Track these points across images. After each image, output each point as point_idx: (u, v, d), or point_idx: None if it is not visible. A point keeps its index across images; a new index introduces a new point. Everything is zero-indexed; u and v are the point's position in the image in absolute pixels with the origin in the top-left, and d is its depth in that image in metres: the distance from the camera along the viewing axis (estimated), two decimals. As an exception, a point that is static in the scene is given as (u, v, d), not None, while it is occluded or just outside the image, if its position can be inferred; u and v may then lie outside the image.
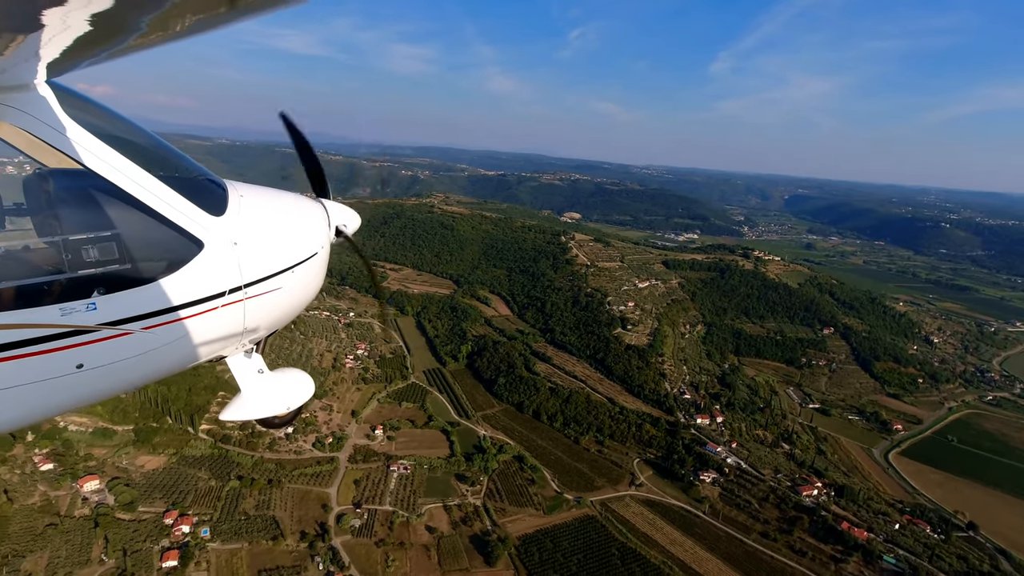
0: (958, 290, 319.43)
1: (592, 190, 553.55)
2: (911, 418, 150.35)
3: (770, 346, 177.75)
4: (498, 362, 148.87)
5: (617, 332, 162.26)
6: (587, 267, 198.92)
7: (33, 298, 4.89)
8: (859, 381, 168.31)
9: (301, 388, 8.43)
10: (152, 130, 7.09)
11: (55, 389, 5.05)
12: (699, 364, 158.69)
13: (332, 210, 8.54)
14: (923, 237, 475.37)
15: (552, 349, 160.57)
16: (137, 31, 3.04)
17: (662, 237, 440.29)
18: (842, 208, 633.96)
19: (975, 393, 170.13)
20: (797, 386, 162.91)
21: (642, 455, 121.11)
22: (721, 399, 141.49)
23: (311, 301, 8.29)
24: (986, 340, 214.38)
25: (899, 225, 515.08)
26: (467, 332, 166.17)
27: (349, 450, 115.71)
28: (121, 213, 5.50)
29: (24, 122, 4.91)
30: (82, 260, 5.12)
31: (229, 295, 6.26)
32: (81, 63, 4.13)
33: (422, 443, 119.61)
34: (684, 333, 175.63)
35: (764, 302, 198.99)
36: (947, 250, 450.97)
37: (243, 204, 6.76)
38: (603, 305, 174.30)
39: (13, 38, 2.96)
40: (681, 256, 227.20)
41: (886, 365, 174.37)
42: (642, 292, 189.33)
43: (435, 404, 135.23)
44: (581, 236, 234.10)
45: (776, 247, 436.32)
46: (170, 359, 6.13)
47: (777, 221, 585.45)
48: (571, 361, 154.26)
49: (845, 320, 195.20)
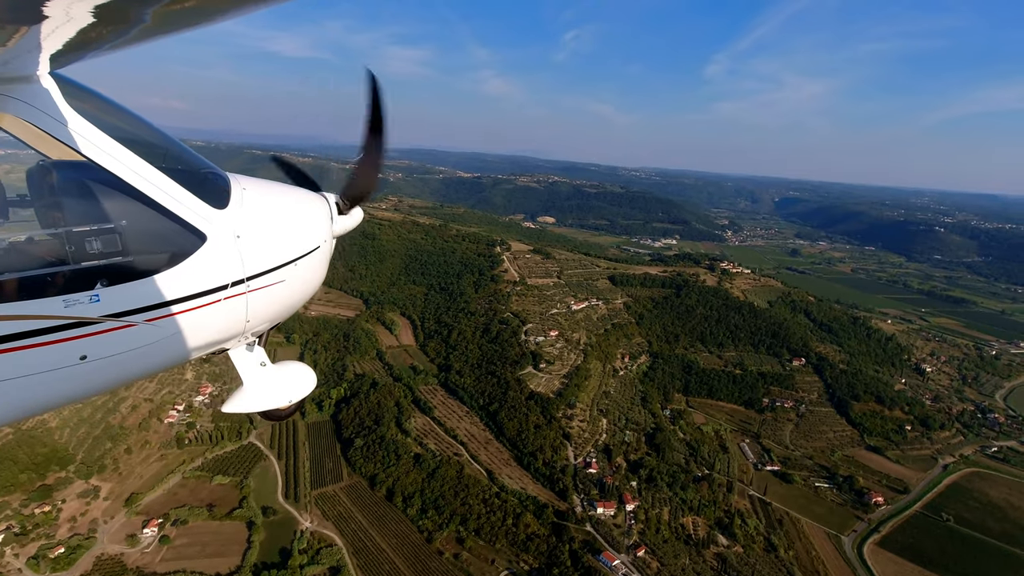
0: (953, 302, 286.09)
1: (569, 193, 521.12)
2: (896, 483, 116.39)
3: (726, 383, 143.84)
4: (364, 415, 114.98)
5: (524, 373, 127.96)
6: (514, 285, 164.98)
7: (37, 290, 4.81)
8: (833, 429, 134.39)
9: (303, 381, 8.07)
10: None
11: (58, 381, 4.92)
12: (627, 414, 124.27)
13: (335, 203, 8.13)
14: (916, 242, 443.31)
15: (441, 395, 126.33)
16: (140, 23, 3.07)
17: (638, 243, 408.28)
18: (833, 211, 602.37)
19: (975, 443, 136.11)
20: (755, 437, 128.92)
21: (513, 564, 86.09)
22: (641, 471, 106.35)
23: (314, 294, 7.85)
24: (987, 366, 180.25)
25: (891, 229, 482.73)
26: (348, 369, 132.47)
27: (85, 566, 79.83)
28: (124, 205, 5.37)
29: (28, 114, 4.81)
30: (85, 252, 5.02)
31: (232, 288, 6.08)
32: (85, 55, 4.11)
33: (209, 546, 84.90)
34: (619, 369, 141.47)
35: (725, 326, 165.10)
36: (941, 256, 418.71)
37: (246, 197, 6.57)
38: (516, 336, 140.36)
39: (17, 29, 2.97)
40: (632, 270, 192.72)
41: (867, 407, 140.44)
42: (574, 316, 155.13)
43: (262, 478, 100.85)
44: (520, 246, 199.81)
45: (758, 254, 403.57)
46: (173, 351, 5.92)
47: (765, 225, 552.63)
48: (459, 413, 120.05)
49: (820, 348, 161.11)
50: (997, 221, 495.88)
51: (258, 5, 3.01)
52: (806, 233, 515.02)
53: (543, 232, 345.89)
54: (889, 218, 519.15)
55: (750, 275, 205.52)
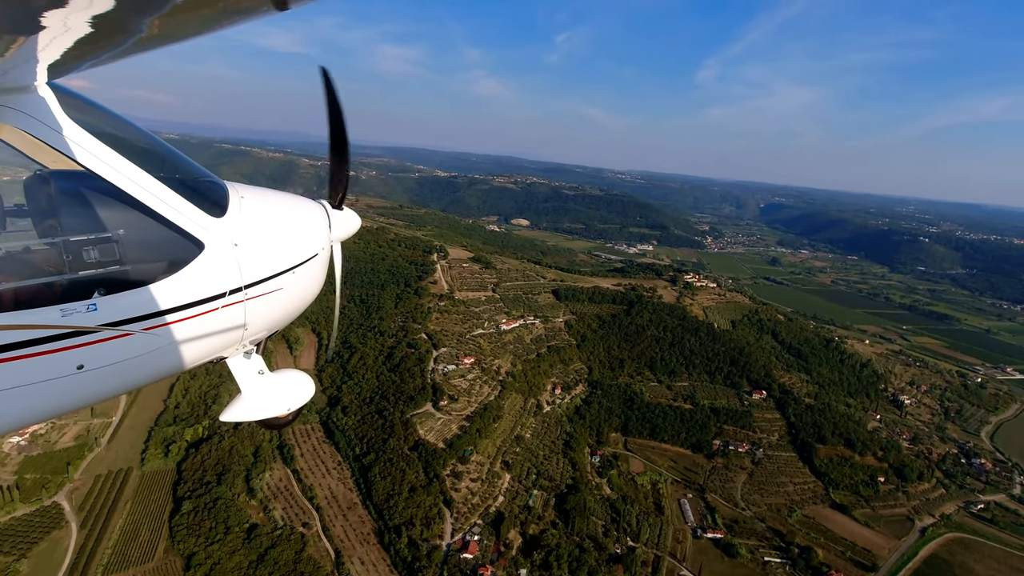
0: (937, 319, 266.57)
1: (547, 195, 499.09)
2: (863, 555, 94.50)
3: (672, 421, 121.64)
4: (211, 465, 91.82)
5: (420, 412, 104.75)
6: (439, 299, 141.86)
7: (34, 299, 4.75)
8: (793, 480, 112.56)
9: (302, 389, 7.94)
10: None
11: (56, 390, 4.86)
12: (540, 466, 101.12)
13: (332, 211, 8.04)
14: (900, 252, 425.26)
15: (316, 439, 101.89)
16: (138, 33, 3.03)
17: (611, 248, 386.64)
18: (817, 218, 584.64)
19: (958, 497, 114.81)
20: (699, 491, 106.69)
21: None
22: (536, 553, 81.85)
23: (311, 302, 7.71)
24: (971, 397, 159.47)
25: (875, 238, 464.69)
26: (220, 399, 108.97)
27: None
28: (122, 214, 5.31)
29: (25, 124, 4.77)
30: (83, 261, 4.97)
31: (230, 296, 6.01)
32: (82, 65, 4.06)
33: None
34: (546, 404, 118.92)
35: (679, 350, 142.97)
36: (925, 267, 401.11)
37: (243, 205, 6.50)
38: (423, 363, 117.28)
39: (14, 40, 2.94)
40: (581, 283, 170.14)
41: (834, 451, 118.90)
42: (502, 338, 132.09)
43: (44, 558, 74.31)
44: (461, 253, 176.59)
45: (737, 262, 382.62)
46: (171, 360, 5.86)
47: (747, 231, 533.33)
48: (327, 465, 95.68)
49: (784, 378, 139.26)
50: (982, 232, 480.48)
51: (256, 15, 2.94)
52: (789, 240, 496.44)
53: (507, 236, 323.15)
54: (873, 227, 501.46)
55: (715, 289, 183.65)
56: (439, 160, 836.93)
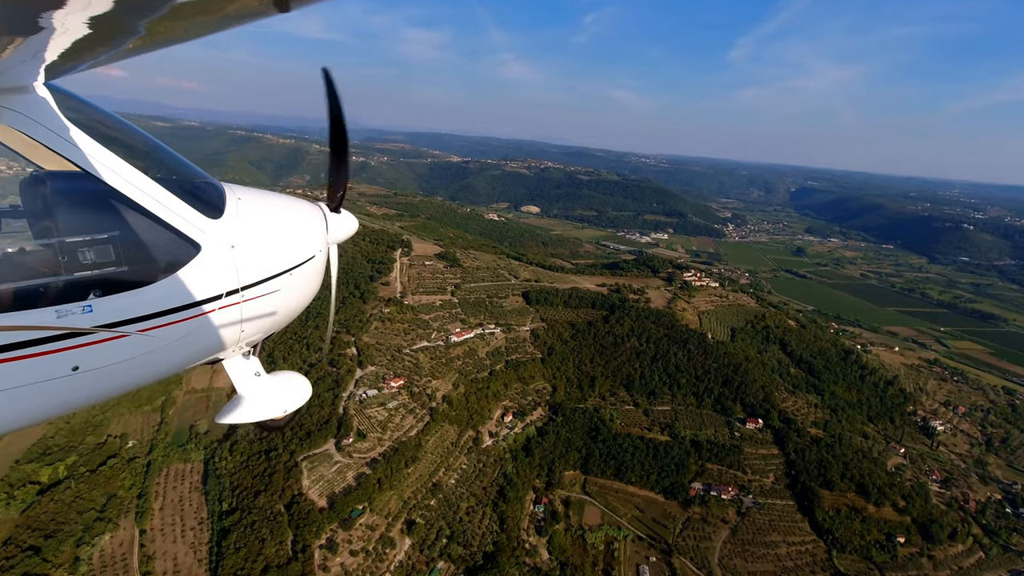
0: (981, 318, 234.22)
1: (561, 180, 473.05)
2: (870, 654, 72.04)
3: (644, 458, 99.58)
4: (47, 520, 73.80)
5: (317, 453, 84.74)
6: (385, 304, 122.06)
7: (29, 300, 4.69)
8: (788, 539, 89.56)
9: (298, 391, 7.74)
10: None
11: (50, 391, 4.79)
12: (454, 525, 78.77)
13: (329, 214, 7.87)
14: (940, 240, 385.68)
15: (190, 484, 79.96)
16: (135, 34, 3.02)
17: (623, 237, 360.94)
18: (851, 203, 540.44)
19: (1003, 565, 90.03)
20: (666, 552, 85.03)
21: None
22: None
23: (308, 304, 7.57)
24: (1021, 421, 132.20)
25: (913, 225, 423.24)
26: (104, 425, 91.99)
27: None
28: (118, 216, 5.27)
29: (22, 124, 4.70)
30: (78, 262, 4.91)
31: (226, 298, 5.90)
32: (80, 65, 4.06)
33: None
34: (490, 436, 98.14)
35: (662, 366, 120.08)
36: (969, 257, 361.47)
37: (240, 207, 6.37)
38: (340, 386, 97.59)
39: (11, 40, 2.90)
40: (558, 283, 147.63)
41: (843, 499, 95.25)
42: (449, 353, 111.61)
43: None
44: (427, 248, 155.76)
45: (758, 252, 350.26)
46: (167, 361, 5.79)
47: (773, 217, 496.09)
48: (188, 523, 74.24)
49: (787, 403, 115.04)
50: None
51: (258, 17, 2.90)
52: (818, 228, 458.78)
53: (507, 226, 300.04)
54: (912, 212, 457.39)
55: (716, 290, 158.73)
56: (460, 145, 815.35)
